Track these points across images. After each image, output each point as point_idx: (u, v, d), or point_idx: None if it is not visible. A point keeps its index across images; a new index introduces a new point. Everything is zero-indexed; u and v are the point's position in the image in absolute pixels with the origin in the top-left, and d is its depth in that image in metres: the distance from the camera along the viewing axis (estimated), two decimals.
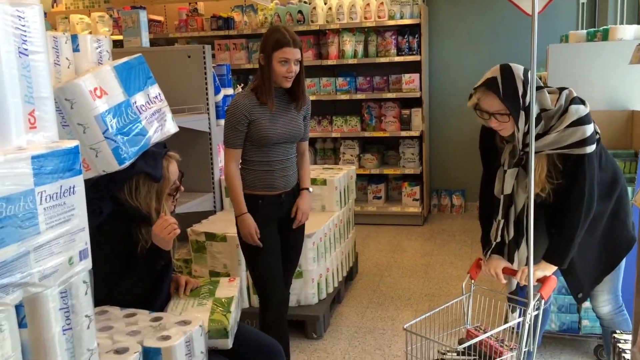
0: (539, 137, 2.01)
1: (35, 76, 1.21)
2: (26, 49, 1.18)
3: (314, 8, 5.68)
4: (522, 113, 2.01)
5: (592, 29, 3.73)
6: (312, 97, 5.90)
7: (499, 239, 2.23)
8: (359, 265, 4.51)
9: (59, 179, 1.21)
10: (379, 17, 5.52)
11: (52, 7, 6.82)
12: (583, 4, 5.41)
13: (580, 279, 2.27)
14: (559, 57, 3.50)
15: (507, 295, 2.26)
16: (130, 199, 1.97)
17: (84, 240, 1.29)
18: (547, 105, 2.05)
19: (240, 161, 2.65)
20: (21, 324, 1.16)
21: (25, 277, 1.13)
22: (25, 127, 1.19)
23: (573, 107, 2.02)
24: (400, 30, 5.60)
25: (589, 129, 2.01)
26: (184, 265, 3.50)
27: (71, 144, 1.25)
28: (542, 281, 2.09)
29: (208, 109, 3.48)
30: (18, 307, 1.15)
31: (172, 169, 2.07)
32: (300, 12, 5.75)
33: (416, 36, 5.54)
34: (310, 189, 2.79)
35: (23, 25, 1.17)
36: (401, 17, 5.50)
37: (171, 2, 6.39)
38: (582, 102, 2.06)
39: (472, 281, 2.21)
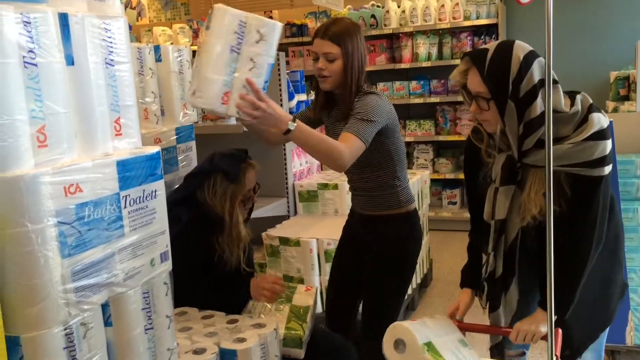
0: (542, 144, 1.54)
1: (120, 85, 1.26)
2: (112, 60, 1.24)
3: (387, 12, 5.64)
4: (512, 105, 1.56)
5: None
6: None
7: (485, 275, 1.82)
8: (433, 272, 4.41)
9: (142, 184, 1.26)
10: (453, 18, 5.40)
11: (137, 20, 7.19)
12: None
13: (570, 331, 1.74)
14: None
15: (491, 346, 1.90)
16: (209, 198, 2.05)
17: (164, 242, 1.34)
18: (561, 107, 1.59)
19: None
20: (106, 323, 1.21)
21: (110, 278, 1.18)
22: (111, 134, 1.25)
23: (595, 115, 1.60)
24: (476, 30, 5.45)
25: (609, 145, 1.60)
26: (259, 269, 3.56)
27: (153, 149, 1.30)
28: (545, 339, 1.57)
29: None
30: (104, 307, 1.20)
31: (249, 176, 2.12)
32: (373, 16, 5.73)
33: (493, 36, 5.37)
34: (291, 125, 1.76)
35: (109, 37, 1.23)
36: (477, 18, 5.36)
37: (247, 11, 6.55)
38: (600, 111, 1.65)
39: None
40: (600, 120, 1.60)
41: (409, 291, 3.63)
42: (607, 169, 1.61)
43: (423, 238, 4.00)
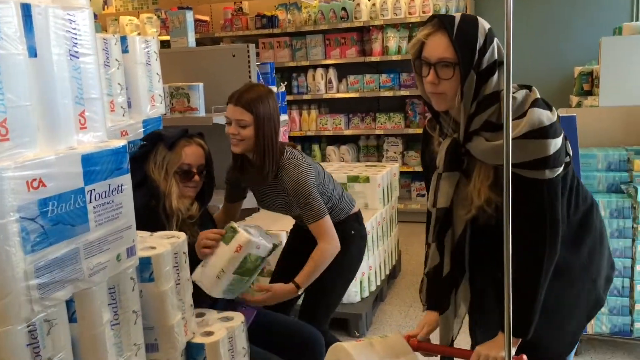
0: (490, 127, 1.48)
1: (85, 78, 1.24)
2: (77, 52, 1.22)
3: (358, 4, 5.65)
4: (473, 76, 1.45)
5: None
6: (355, 95, 5.89)
7: (429, 269, 1.69)
8: (402, 264, 4.47)
9: (107, 178, 1.24)
10: (423, 12, 5.45)
11: (103, 9, 7.03)
12: None
13: (548, 348, 1.66)
14: (612, 50, 3.37)
15: None
16: (151, 168, 2.04)
17: (131, 237, 1.33)
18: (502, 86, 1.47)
19: None
20: (71, 319, 1.20)
21: (75, 274, 1.16)
22: (75, 127, 1.23)
23: (535, 110, 1.44)
24: None
25: (554, 145, 1.43)
26: None
27: (119, 143, 1.29)
28: None
29: None
30: (69, 302, 1.19)
31: (189, 151, 2.06)
32: (344, 8, 5.73)
33: None
34: (300, 289, 2.14)
35: (74, 29, 1.20)
36: (446, 12, 5.42)
37: (217, 2, 6.48)
38: (549, 108, 1.48)
39: None
40: (540, 116, 1.44)
41: (378, 282, 3.66)
42: (550, 173, 1.45)
43: (391, 231, 4.05)
